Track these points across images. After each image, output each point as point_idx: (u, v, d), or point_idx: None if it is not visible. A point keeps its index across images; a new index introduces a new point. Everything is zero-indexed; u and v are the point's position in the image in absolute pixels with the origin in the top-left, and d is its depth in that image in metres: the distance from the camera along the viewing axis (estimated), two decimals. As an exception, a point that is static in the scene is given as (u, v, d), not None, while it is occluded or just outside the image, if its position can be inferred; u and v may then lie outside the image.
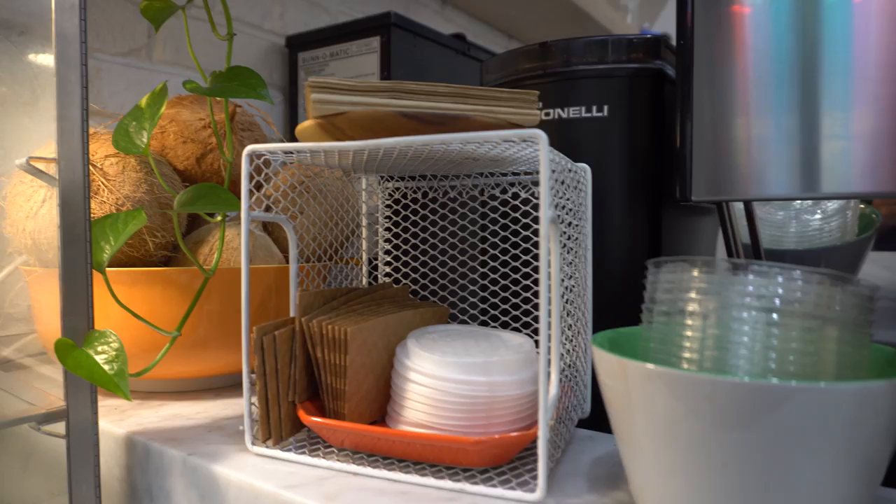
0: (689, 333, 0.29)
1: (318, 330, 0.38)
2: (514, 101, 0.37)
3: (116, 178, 0.46)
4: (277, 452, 0.38)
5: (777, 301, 0.28)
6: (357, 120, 0.35)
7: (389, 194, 0.52)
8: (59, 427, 0.39)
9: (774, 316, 0.28)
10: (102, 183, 0.45)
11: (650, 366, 0.27)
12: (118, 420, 0.45)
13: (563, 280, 0.40)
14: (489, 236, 0.49)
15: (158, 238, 0.47)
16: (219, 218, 0.47)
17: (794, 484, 0.26)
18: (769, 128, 0.42)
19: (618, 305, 0.52)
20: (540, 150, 0.30)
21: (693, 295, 0.30)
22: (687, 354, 0.29)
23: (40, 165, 0.39)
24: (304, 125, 0.37)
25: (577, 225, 0.43)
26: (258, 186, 0.56)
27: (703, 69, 0.45)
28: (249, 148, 0.37)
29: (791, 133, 0.41)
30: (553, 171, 0.35)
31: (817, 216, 0.58)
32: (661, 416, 0.27)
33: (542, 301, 0.31)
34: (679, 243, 0.60)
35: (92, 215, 0.45)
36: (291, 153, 0.37)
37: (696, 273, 0.30)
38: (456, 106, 0.35)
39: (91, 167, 0.46)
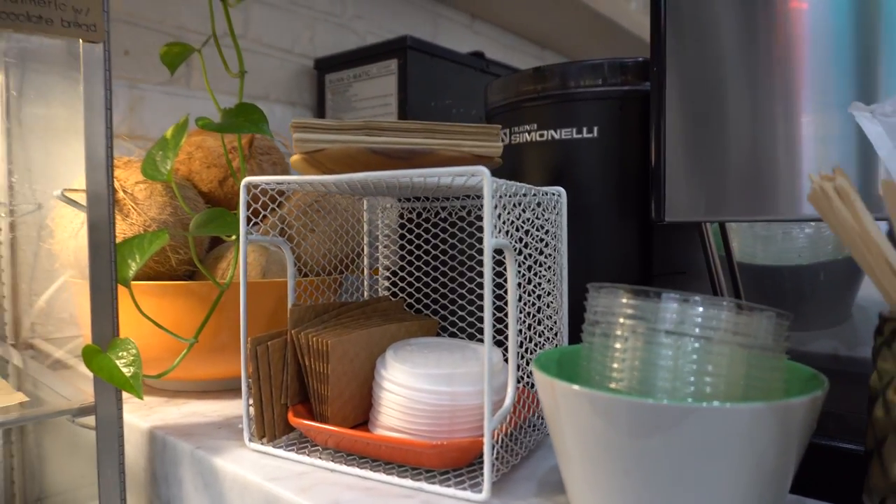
0: (617, 355, 0.32)
1: (306, 341, 0.42)
2: (479, 134, 0.40)
3: (145, 202, 0.52)
4: (270, 449, 0.43)
5: (696, 328, 0.31)
6: (334, 155, 0.39)
7: (387, 214, 0.56)
8: (92, 420, 0.45)
9: (694, 341, 0.30)
10: (132, 206, 0.52)
11: (575, 386, 0.30)
12: (145, 416, 0.51)
13: (536, 297, 0.43)
14: (476, 254, 0.52)
15: (181, 255, 0.53)
16: (234, 237, 0.52)
17: (701, 491, 0.28)
18: (742, 150, 0.44)
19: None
20: (483, 185, 0.34)
21: (621, 320, 0.32)
22: (615, 374, 0.32)
23: (74, 196, 0.46)
24: (294, 158, 0.42)
25: (550, 243, 0.46)
26: (271, 205, 0.62)
27: (675, 92, 0.47)
28: (246, 180, 0.42)
29: (765, 154, 0.42)
30: (511, 196, 0.39)
31: (812, 231, 0.58)
32: (584, 430, 0.30)
33: (485, 318, 0.34)
34: (673, 259, 0.61)
35: (123, 235, 0.52)
36: (282, 183, 0.42)
37: (624, 299, 0.32)
38: (424, 141, 0.39)
39: (123, 192, 0.52)
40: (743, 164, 0.44)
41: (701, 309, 0.31)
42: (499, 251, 0.36)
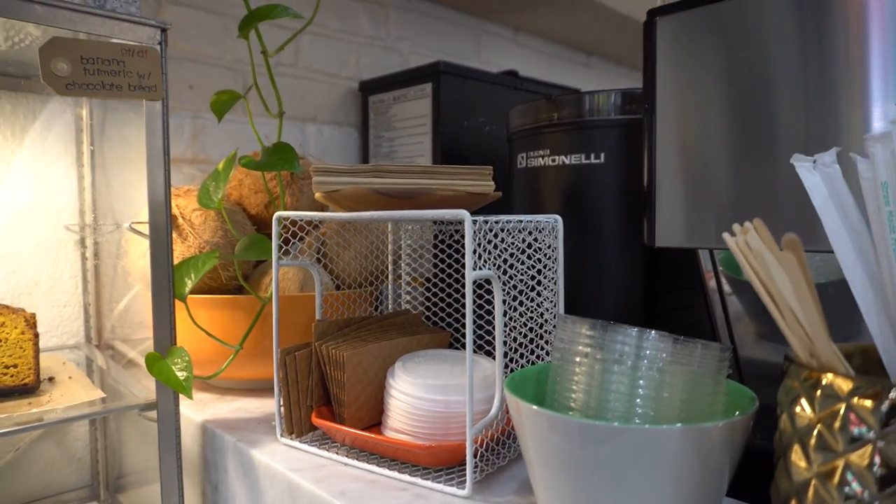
0: (576, 378, 0.37)
1: (326, 352, 0.49)
2: (473, 174, 0.45)
3: (200, 226, 0.61)
4: (297, 444, 0.50)
5: (644, 359, 0.35)
6: (347, 195, 0.46)
7: (409, 235, 0.62)
8: (155, 414, 0.54)
9: (641, 368, 0.35)
10: (189, 231, 0.60)
11: (534, 406, 0.35)
12: (200, 410, 0.60)
13: (536, 315, 0.48)
14: (484, 274, 0.58)
15: (230, 272, 0.62)
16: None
17: (633, 499, 0.32)
18: (729, 179, 0.46)
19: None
20: (465, 227, 0.39)
21: (580, 348, 0.37)
22: (573, 395, 0.37)
23: (139, 227, 0.54)
24: (317, 195, 0.49)
25: (548, 265, 0.50)
26: (309, 229, 0.69)
27: (666, 121, 0.50)
28: (277, 214, 0.50)
29: (752, 184, 0.45)
30: (493, 231, 0.44)
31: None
32: (542, 443, 0.35)
33: (467, 339, 0.40)
34: (681, 278, 0.64)
35: (181, 256, 0.60)
36: (306, 218, 0.49)
37: (583, 330, 0.37)
38: (423, 181, 0.45)
39: (182, 219, 0.61)
40: (731, 193, 0.46)
41: (647, 341, 0.35)
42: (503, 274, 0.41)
